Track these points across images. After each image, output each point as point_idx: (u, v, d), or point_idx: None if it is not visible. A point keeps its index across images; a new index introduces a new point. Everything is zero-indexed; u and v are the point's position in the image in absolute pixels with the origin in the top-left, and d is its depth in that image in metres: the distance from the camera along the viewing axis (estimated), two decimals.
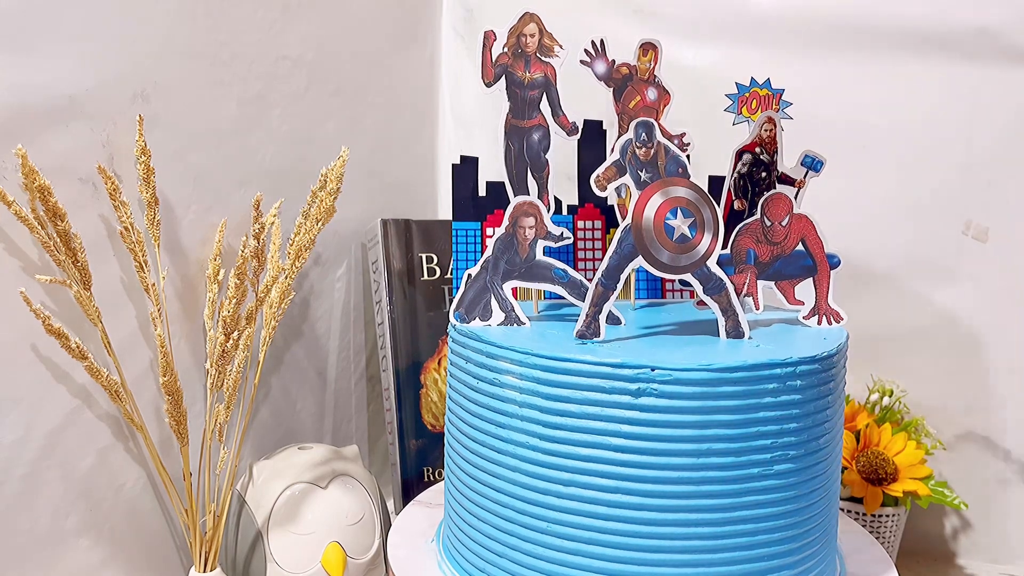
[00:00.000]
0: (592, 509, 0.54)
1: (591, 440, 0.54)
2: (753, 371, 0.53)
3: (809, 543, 0.58)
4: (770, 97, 0.69)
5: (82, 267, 0.64)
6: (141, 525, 0.75)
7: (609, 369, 0.53)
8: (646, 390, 0.52)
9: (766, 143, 0.69)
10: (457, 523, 0.63)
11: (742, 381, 0.53)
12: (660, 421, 0.53)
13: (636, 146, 0.58)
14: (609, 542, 0.54)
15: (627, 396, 0.53)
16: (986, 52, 0.85)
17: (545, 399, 0.55)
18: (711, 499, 0.54)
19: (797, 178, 0.68)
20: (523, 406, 0.56)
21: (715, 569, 0.54)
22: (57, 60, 0.64)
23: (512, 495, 0.57)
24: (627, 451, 0.53)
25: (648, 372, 0.52)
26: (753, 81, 0.69)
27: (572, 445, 0.54)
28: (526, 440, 0.56)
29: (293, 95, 0.86)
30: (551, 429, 0.55)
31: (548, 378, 0.55)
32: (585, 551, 0.55)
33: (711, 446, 0.53)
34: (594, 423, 0.54)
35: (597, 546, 0.54)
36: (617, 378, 0.53)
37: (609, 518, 0.54)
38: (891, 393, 0.89)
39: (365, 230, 0.95)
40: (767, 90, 0.69)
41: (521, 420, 0.56)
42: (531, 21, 0.63)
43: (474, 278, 0.61)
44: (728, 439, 0.53)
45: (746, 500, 0.54)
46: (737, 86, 0.69)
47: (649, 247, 0.57)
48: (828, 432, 0.58)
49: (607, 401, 0.53)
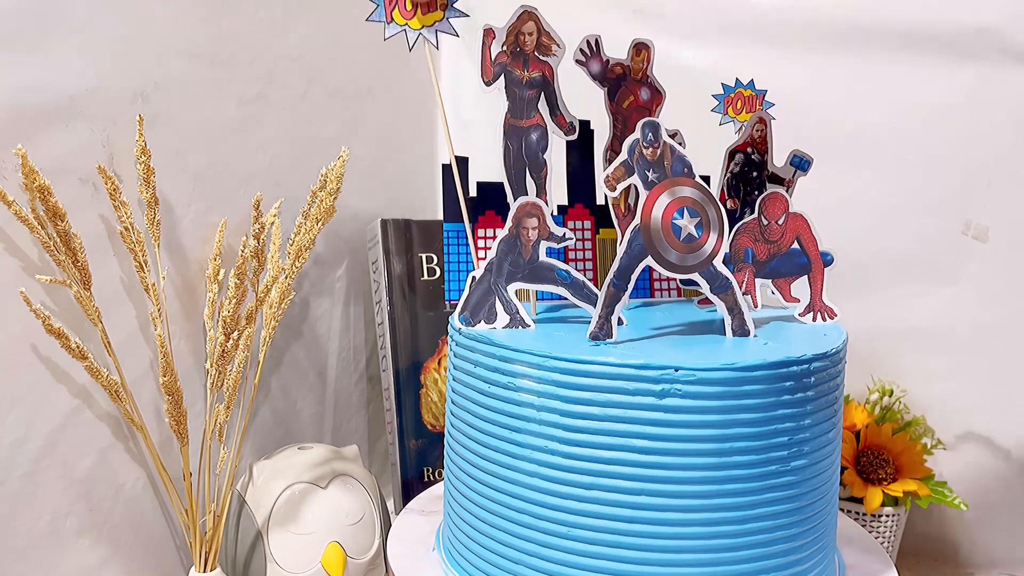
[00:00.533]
0: (615, 512, 0.54)
1: (613, 443, 0.53)
2: (773, 369, 0.53)
3: (815, 539, 0.58)
4: (754, 98, 0.70)
5: (82, 267, 0.64)
6: (141, 525, 0.75)
7: (632, 371, 0.52)
8: (670, 391, 0.52)
9: (757, 143, 0.69)
10: (464, 529, 0.62)
11: (764, 380, 0.53)
12: (684, 422, 0.52)
13: (643, 146, 0.58)
14: (632, 544, 0.54)
15: (651, 397, 0.52)
16: (986, 52, 0.85)
17: (565, 402, 0.54)
18: (733, 497, 0.54)
19: (786, 177, 0.69)
20: (541, 410, 0.55)
21: (735, 567, 0.54)
22: (57, 60, 0.64)
23: (530, 500, 0.56)
24: (651, 452, 0.53)
25: (672, 373, 0.52)
26: (738, 82, 0.70)
27: (593, 448, 0.53)
28: (544, 445, 0.55)
29: (293, 95, 0.86)
30: (571, 433, 0.54)
31: (568, 381, 0.54)
32: (607, 555, 0.54)
33: (734, 445, 0.53)
34: (617, 425, 0.53)
35: (619, 548, 0.54)
36: (641, 379, 0.52)
37: (632, 520, 0.53)
38: (891, 393, 0.89)
39: (365, 230, 0.95)
40: (751, 91, 0.70)
41: (539, 424, 0.55)
42: (529, 19, 0.63)
43: (478, 281, 0.61)
44: (750, 437, 0.53)
45: (767, 497, 0.54)
46: (723, 87, 0.70)
47: (658, 247, 0.57)
48: (834, 427, 0.59)
49: (630, 403, 0.52)
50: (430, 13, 0.60)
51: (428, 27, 0.60)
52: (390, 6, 0.59)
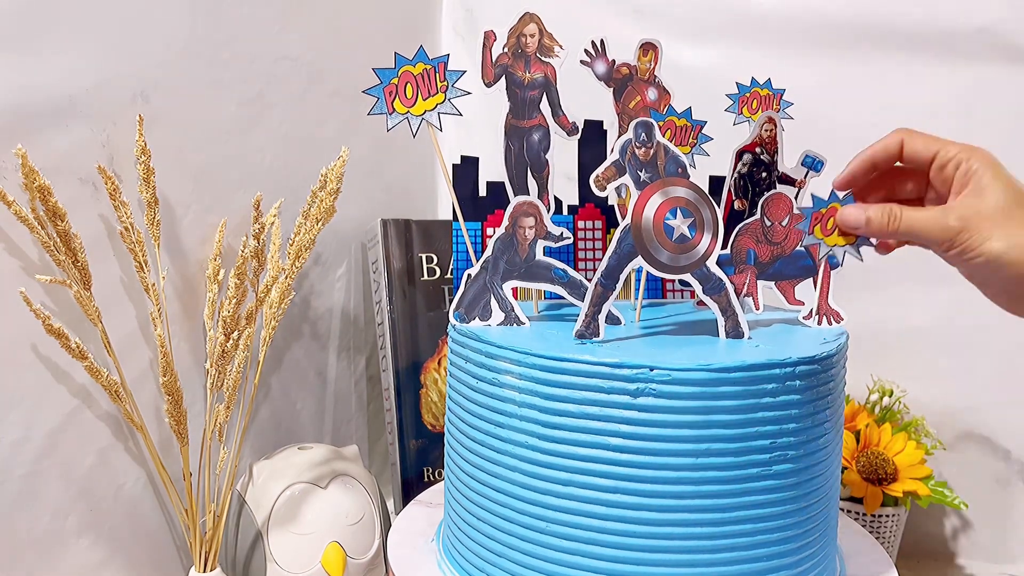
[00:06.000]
0: (591, 509, 0.54)
1: (590, 440, 0.54)
2: (752, 371, 0.53)
3: (809, 543, 0.58)
4: (771, 97, 0.69)
5: (82, 267, 0.64)
6: (141, 525, 0.75)
7: (608, 369, 0.53)
8: (645, 390, 0.52)
9: (766, 143, 0.68)
10: (456, 523, 0.63)
11: (741, 381, 0.53)
12: (659, 421, 0.53)
13: (636, 146, 0.58)
14: (608, 542, 0.54)
15: (626, 396, 0.53)
16: (986, 52, 0.85)
17: (544, 399, 0.55)
18: (710, 499, 0.53)
19: (797, 178, 0.68)
20: (522, 406, 0.56)
21: (714, 569, 0.54)
22: (57, 60, 0.64)
23: (511, 495, 0.57)
24: (626, 451, 0.53)
25: (647, 372, 0.52)
26: (754, 81, 0.69)
27: (571, 445, 0.54)
28: (525, 440, 0.56)
29: (293, 95, 0.86)
30: (550, 429, 0.55)
31: (547, 378, 0.54)
32: (584, 551, 0.55)
33: (710, 446, 0.53)
34: (593, 423, 0.53)
35: (596, 546, 0.54)
36: (616, 378, 0.53)
37: (608, 518, 0.54)
38: (891, 393, 0.89)
39: (365, 230, 0.95)
40: (768, 90, 0.69)
41: (520, 420, 0.56)
42: (531, 21, 0.63)
43: (474, 278, 0.61)
44: (727, 439, 0.53)
45: (745, 500, 0.54)
46: (738, 86, 0.69)
47: (648, 247, 0.57)
48: (827, 432, 0.58)
49: (606, 401, 0.53)
50: (431, 97, 0.61)
51: (430, 111, 0.61)
52: (390, 98, 0.60)
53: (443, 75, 0.61)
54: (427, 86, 0.61)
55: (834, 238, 0.61)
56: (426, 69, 0.61)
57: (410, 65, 0.60)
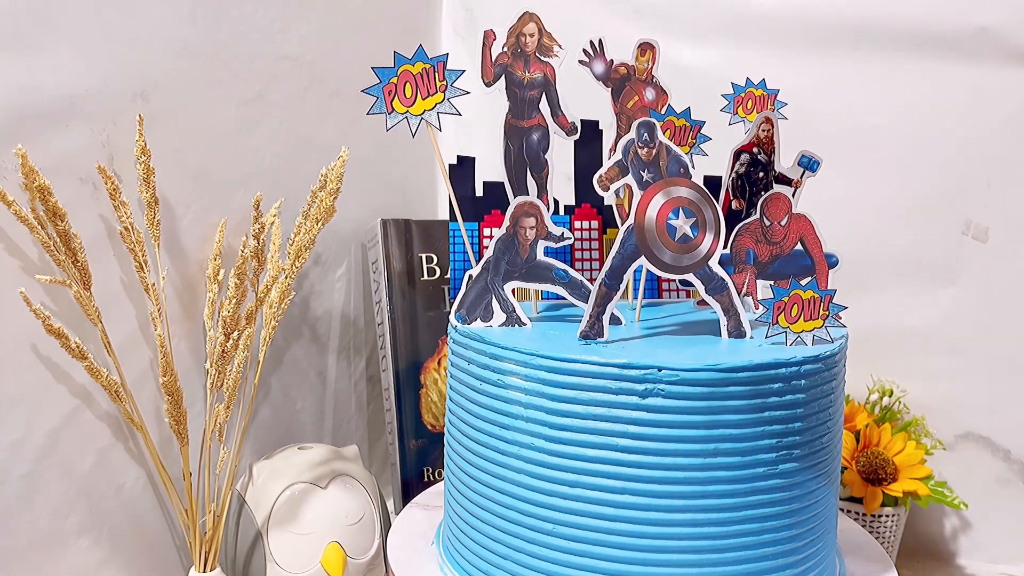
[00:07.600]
0: (598, 510, 0.54)
1: (597, 441, 0.53)
2: (759, 371, 0.53)
3: (811, 542, 0.58)
4: (765, 97, 0.69)
5: (82, 267, 0.64)
6: (141, 525, 0.75)
7: (616, 370, 0.52)
8: (653, 391, 0.52)
9: (763, 143, 0.69)
10: (459, 524, 0.62)
11: (749, 381, 0.53)
12: (667, 422, 0.52)
13: (638, 146, 0.58)
14: (615, 543, 0.54)
15: (634, 397, 0.52)
16: (986, 52, 0.85)
17: (551, 400, 0.54)
18: (717, 499, 0.53)
19: (794, 178, 0.68)
20: (528, 407, 0.55)
21: (721, 569, 0.54)
22: (57, 60, 0.64)
23: (516, 496, 0.57)
24: (634, 452, 0.53)
25: (655, 373, 0.52)
26: (748, 81, 0.69)
27: (578, 446, 0.54)
28: (531, 441, 0.55)
29: (293, 95, 0.86)
30: (556, 430, 0.54)
31: (554, 379, 0.54)
32: (591, 552, 0.54)
33: (718, 446, 0.53)
34: (600, 424, 0.53)
35: (603, 547, 0.54)
36: (624, 379, 0.52)
37: (615, 519, 0.54)
38: (891, 393, 0.89)
39: (365, 230, 0.95)
40: (762, 90, 0.70)
41: (526, 421, 0.56)
42: (531, 21, 0.63)
43: (475, 279, 0.61)
44: (735, 439, 0.53)
45: (752, 500, 0.54)
46: (733, 86, 0.69)
47: (652, 247, 0.57)
48: (830, 431, 0.58)
49: (614, 402, 0.53)
50: (431, 97, 0.61)
51: (429, 110, 0.61)
52: (389, 97, 0.60)
53: (442, 74, 0.61)
54: (426, 85, 0.61)
55: (800, 324, 0.59)
56: (425, 68, 0.61)
57: (409, 64, 0.60)
